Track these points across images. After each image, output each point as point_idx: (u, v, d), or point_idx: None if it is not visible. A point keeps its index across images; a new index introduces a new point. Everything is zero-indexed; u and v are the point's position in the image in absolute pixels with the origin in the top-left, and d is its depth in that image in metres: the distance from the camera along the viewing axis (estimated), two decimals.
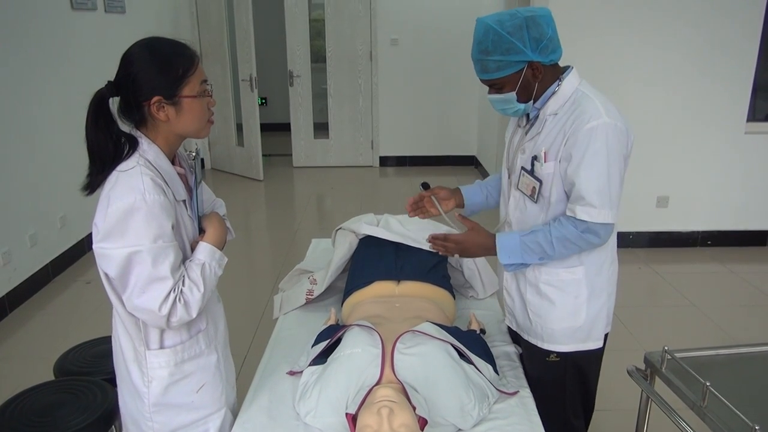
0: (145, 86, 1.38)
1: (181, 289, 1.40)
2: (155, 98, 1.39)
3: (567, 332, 1.75)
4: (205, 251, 1.47)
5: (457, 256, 1.78)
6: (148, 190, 1.35)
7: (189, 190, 1.56)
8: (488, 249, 1.73)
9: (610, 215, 1.60)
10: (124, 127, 1.46)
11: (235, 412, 1.77)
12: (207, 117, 1.49)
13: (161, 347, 1.52)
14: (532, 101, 1.67)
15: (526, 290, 1.80)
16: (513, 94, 1.64)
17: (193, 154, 1.61)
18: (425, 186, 2.00)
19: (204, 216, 1.55)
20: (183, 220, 1.49)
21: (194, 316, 1.43)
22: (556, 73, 1.67)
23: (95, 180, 1.41)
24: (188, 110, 1.43)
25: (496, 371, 1.82)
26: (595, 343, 1.78)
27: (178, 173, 1.51)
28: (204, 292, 1.43)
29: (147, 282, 1.36)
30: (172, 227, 1.40)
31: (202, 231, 1.58)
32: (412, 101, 6.95)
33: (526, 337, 1.85)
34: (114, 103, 1.43)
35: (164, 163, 1.45)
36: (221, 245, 1.52)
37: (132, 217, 1.33)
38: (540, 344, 1.80)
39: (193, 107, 1.43)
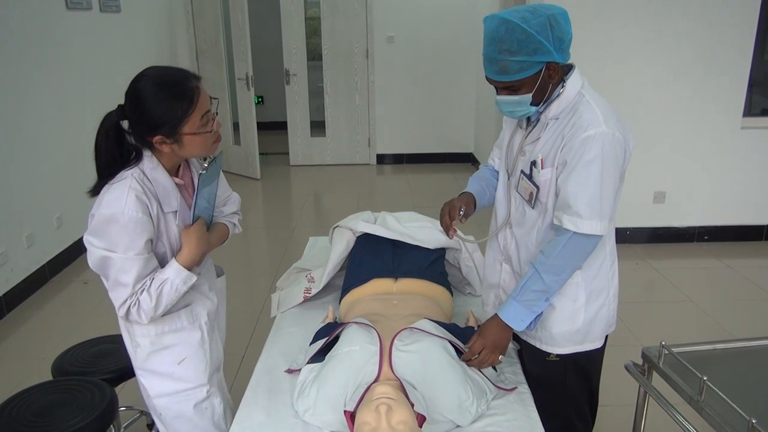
0: (147, 125, 1.48)
1: (138, 298, 1.51)
2: (157, 137, 1.49)
3: (565, 335, 1.74)
4: (172, 269, 1.55)
5: (496, 357, 1.71)
6: (128, 206, 1.46)
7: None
8: (503, 328, 1.68)
9: (599, 227, 1.56)
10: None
11: (224, 397, 1.85)
12: (210, 142, 1.57)
13: None
14: (543, 103, 1.62)
15: None
16: (529, 96, 1.57)
17: (204, 164, 1.62)
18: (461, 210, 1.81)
19: (184, 231, 1.58)
20: (168, 231, 1.58)
21: (146, 321, 1.55)
22: (563, 73, 1.61)
23: (101, 185, 1.53)
24: (189, 144, 1.52)
25: (494, 367, 1.82)
26: (593, 344, 1.77)
27: (177, 184, 1.60)
28: (155, 305, 1.53)
29: (114, 284, 1.51)
30: (151, 241, 1.53)
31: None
32: (409, 99, 6.95)
33: (524, 338, 1.85)
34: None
35: (161, 176, 1.56)
36: (192, 265, 1.58)
37: (110, 225, 1.46)
38: (538, 345, 1.80)
39: (195, 141, 1.52)
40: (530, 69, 1.53)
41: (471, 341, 1.73)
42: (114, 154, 1.51)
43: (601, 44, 4.15)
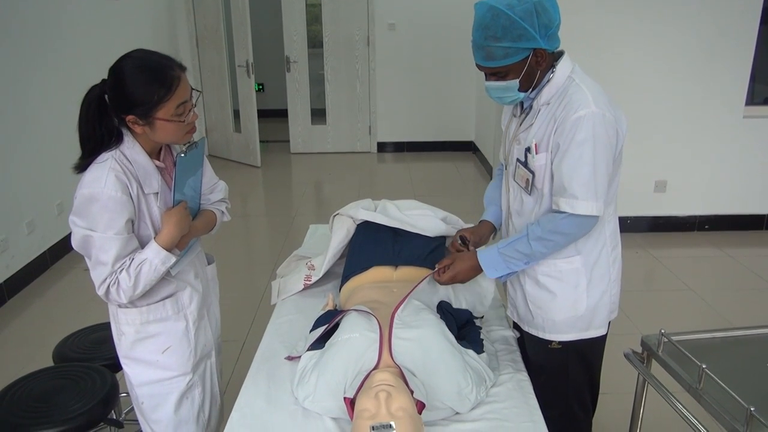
0: (122, 103, 1.51)
1: (118, 277, 1.53)
2: (130, 116, 1.51)
3: (569, 322, 1.75)
4: (151, 249, 1.56)
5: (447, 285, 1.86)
6: (108, 185, 1.48)
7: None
8: (475, 268, 1.78)
9: (595, 207, 1.57)
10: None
11: (207, 387, 1.87)
12: (183, 132, 1.58)
13: (128, 306, 1.66)
14: (531, 90, 1.64)
15: (525, 282, 1.80)
16: (516, 82, 1.60)
17: (183, 147, 1.63)
18: (464, 240, 1.95)
19: (165, 212, 1.60)
20: (150, 212, 1.60)
21: (125, 301, 1.57)
22: (552, 60, 1.63)
23: (84, 162, 1.55)
24: (161, 129, 1.54)
25: (485, 351, 1.83)
26: (597, 331, 1.78)
27: (158, 167, 1.62)
28: (134, 284, 1.54)
29: (95, 263, 1.54)
30: (132, 222, 1.55)
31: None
32: (410, 87, 6.92)
33: (526, 329, 1.86)
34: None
35: (140, 157, 1.58)
36: (171, 246, 1.59)
37: (91, 205, 1.49)
38: (541, 335, 1.80)
39: (167, 127, 1.54)
40: (516, 55, 1.55)
41: (445, 259, 1.86)
42: (94, 127, 1.53)
43: (602, 33, 4.12)
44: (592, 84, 1.61)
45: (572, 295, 1.72)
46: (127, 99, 1.49)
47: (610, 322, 1.83)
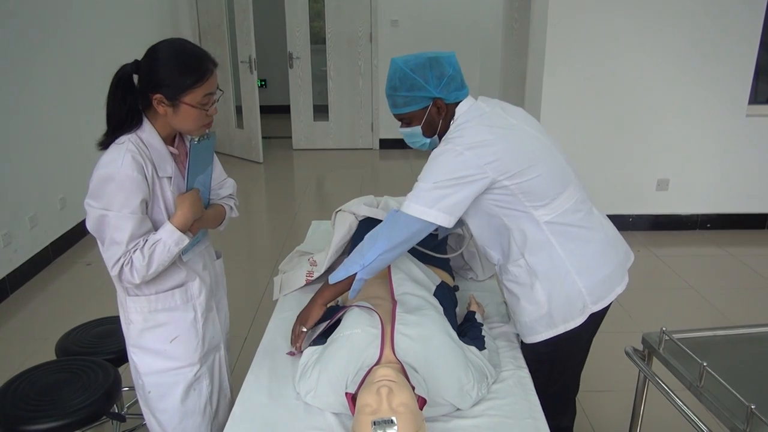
0: (153, 80, 1.54)
1: (132, 257, 1.55)
2: (157, 95, 1.54)
3: (537, 321, 1.79)
4: (165, 230, 1.59)
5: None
6: (124, 165, 1.52)
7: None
8: (312, 300, 1.87)
9: (418, 210, 1.65)
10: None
11: (215, 380, 1.89)
12: (202, 122, 1.62)
13: (137, 294, 1.70)
14: (437, 136, 1.79)
15: (504, 291, 1.90)
16: (419, 128, 1.77)
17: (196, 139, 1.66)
18: None
19: (179, 196, 1.64)
20: (164, 195, 1.63)
21: (137, 281, 1.58)
22: (454, 108, 1.77)
23: (108, 140, 1.58)
24: (184, 114, 1.57)
25: (486, 347, 1.83)
26: (569, 324, 1.77)
27: (172, 153, 1.66)
28: (148, 264, 1.56)
29: (109, 243, 1.55)
30: (145, 202, 1.57)
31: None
32: None
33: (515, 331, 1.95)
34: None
35: (156, 141, 1.62)
36: (184, 228, 1.61)
37: (107, 184, 1.51)
38: (522, 338, 1.88)
39: (190, 113, 1.58)
40: (415, 104, 1.74)
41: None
42: (120, 103, 1.57)
43: (605, 31, 4.11)
44: (477, 122, 1.69)
45: (530, 295, 1.77)
46: (159, 77, 1.53)
47: (602, 314, 1.82)
